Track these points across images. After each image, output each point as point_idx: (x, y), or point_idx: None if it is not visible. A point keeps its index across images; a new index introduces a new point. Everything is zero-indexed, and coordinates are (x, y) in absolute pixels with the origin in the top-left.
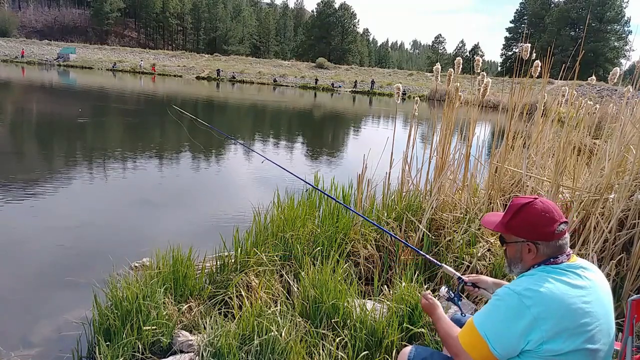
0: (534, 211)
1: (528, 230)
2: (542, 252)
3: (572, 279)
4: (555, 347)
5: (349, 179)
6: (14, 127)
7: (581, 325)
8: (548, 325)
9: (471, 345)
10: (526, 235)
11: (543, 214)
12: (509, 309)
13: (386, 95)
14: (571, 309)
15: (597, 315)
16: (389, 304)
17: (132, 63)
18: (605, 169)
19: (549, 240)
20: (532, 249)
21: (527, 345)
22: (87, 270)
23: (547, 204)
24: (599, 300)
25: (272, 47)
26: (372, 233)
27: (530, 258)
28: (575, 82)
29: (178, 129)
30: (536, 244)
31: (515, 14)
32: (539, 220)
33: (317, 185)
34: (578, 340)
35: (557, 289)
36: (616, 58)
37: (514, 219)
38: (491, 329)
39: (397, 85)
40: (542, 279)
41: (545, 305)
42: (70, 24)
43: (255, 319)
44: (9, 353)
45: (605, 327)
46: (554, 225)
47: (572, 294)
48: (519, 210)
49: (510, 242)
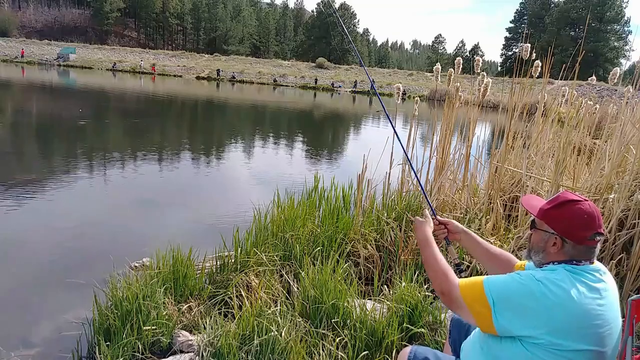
0: (578, 210)
1: (563, 225)
2: (567, 251)
3: (590, 281)
4: (563, 342)
5: (349, 179)
6: (13, 127)
7: (593, 326)
8: (559, 319)
9: (472, 300)
10: (559, 229)
11: (585, 217)
12: (528, 291)
13: (386, 95)
14: (586, 310)
15: (608, 319)
16: (389, 304)
17: (132, 63)
18: (605, 169)
19: (579, 243)
20: (557, 243)
21: (532, 332)
22: (87, 270)
23: (593, 209)
24: (612, 305)
25: (272, 47)
26: (372, 233)
27: (553, 252)
28: (575, 82)
29: (178, 129)
30: (564, 241)
31: (515, 14)
32: (579, 221)
33: (317, 185)
34: (587, 341)
35: (575, 288)
36: (616, 58)
37: (556, 209)
38: (501, 297)
39: (397, 85)
40: (564, 276)
41: (561, 300)
42: (70, 24)
43: (255, 319)
44: (9, 353)
45: (615, 330)
46: (590, 231)
47: (589, 295)
48: (565, 204)
49: (541, 230)
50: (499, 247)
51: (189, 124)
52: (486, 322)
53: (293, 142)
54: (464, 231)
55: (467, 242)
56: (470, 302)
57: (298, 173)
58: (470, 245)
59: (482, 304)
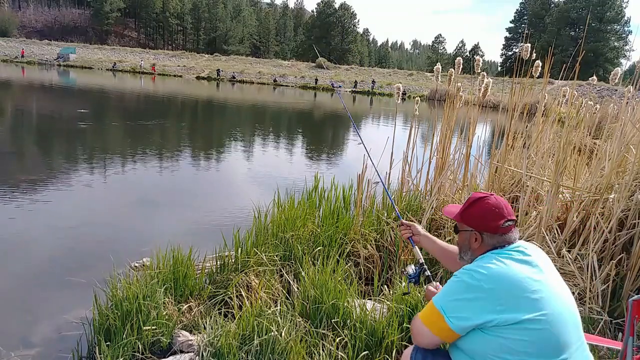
0: (486, 205)
1: (478, 221)
2: (487, 243)
3: (516, 255)
4: (514, 315)
5: (349, 179)
6: (13, 127)
7: (534, 292)
8: (500, 297)
9: (430, 321)
10: (475, 225)
11: (493, 209)
12: (463, 285)
13: (386, 95)
14: (520, 279)
15: (545, 283)
16: (389, 304)
17: (132, 63)
18: (605, 169)
19: (494, 232)
20: (478, 238)
21: (484, 319)
22: (87, 270)
23: (499, 201)
24: (545, 269)
25: (272, 47)
26: (372, 233)
27: (477, 247)
28: (575, 82)
29: (178, 129)
30: (482, 234)
31: (515, 14)
32: (488, 214)
33: (317, 185)
34: (536, 307)
35: (504, 265)
36: (616, 58)
37: (469, 209)
38: (448, 304)
39: (397, 85)
40: (491, 259)
41: (494, 279)
42: (70, 24)
43: (255, 319)
44: (9, 353)
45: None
46: (501, 220)
47: (519, 267)
48: (474, 203)
49: (462, 230)
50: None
51: (189, 123)
52: (445, 332)
53: (293, 142)
54: (424, 234)
55: (426, 244)
56: (429, 323)
57: (298, 173)
58: (429, 245)
59: (437, 318)
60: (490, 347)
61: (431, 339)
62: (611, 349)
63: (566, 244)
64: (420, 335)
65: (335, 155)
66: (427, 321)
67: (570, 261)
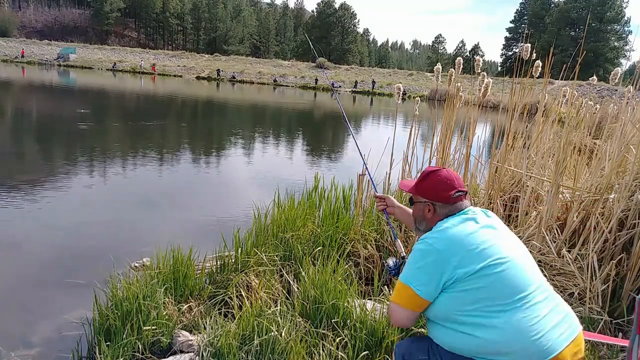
0: (438, 177)
1: (431, 192)
2: (440, 212)
3: (464, 216)
4: (468, 268)
5: (349, 179)
6: (13, 127)
7: (482, 242)
8: (453, 253)
9: (400, 297)
10: (428, 196)
11: (445, 181)
12: (419, 253)
13: (386, 95)
14: (467, 234)
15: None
16: (389, 304)
17: (132, 63)
18: (605, 169)
19: (446, 202)
20: (431, 208)
21: (444, 278)
22: (87, 270)
23: (450, 173)
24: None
25: (272, 47)
26: (373, 233)
27: (430, 217)
28: (575, 82)
29: (178, 129)
30: (434, 205)
31: (515, 14)
32: (440, 185)
33: (317, 185)
34: (488, 255)
35: (453, 226)
36: (616, 58)
37: (422, 182)
38: (410, 274)
39: (397, 85)
40: (441, 223)
41: (445, 239)
42: (71, 24)
43: (255, 319)
44: (9, 353)
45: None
46: (451, 191)
47: (467, 225)
48: (427, 176)
49: (417, 202)
50: None
51: (189, 124)
52: (416, 301)
53: (293, 142)
54: (398, 206)
55: (400, 215)
56: (400, 299)
57: (298, 173)
58: (403, 217)
59: (405, 291)
60: (454, 304)
61: (405, 314)
62: (611, 349)
63: (566, 244)
64: (396, 313)
65: (335, 155)
66: (398, 299)
67: (570, 261)
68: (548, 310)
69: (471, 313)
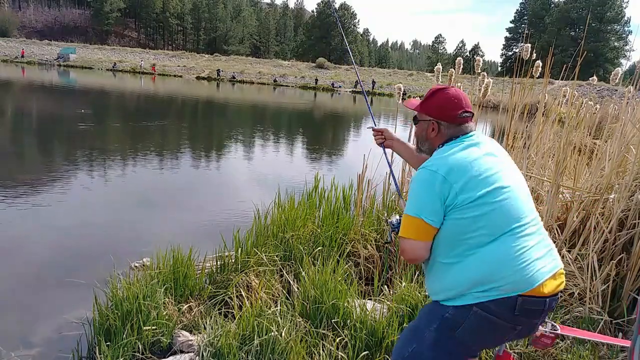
0: (445, 95)
1: (437, 110)
2: (444, 132)
3: (467, 141)
4: (468, 194)
5: (349, 179)
6: (14, 127)
7: (485, 170)
8: (456, 179)
9: (411, 231)
10: (434, 114)
11: (452, 99)
12: (423, 181)
13: (386, 95)
14: (470, 160)
15: (496, 162)
16: (389, 304)
17: (133, 63)
18: (605, 169)
19: (451, 122)
20: (435, 127)
21: (448, 203)
22: (87, 270)
23: (459, 92)
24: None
25: (272, 47)
26: (373, 233)
27: (434, 136)
28: (575, 82)
29: (178, 128)
30: (439, 124)
31: (515, 14)
32: (447, 104)
33: (317, 186)
34: (487, 184)
35: (456, 151)
36: (616, 58)
37: (428, 99)
38: (418, 205)
39: (398, 86)
40: (443, 151)
41: (449, 165)
42: (71, 24)
43: (255, 319)
44: (9, 353)
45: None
46: (458, 110)
47: (470, 151)
48: (435, 92)
49: (421, 120)
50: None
51: (189, 124)
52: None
53: (293, 142)
54: (397, 139)
55: (398, 148)
56: (412, 233)
57: (298, 173)
58: (401, 150)
59: (417, 224)
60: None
61: (422, 245)
62: (611, 349)
63: (566, 244)
64: (413, 249)
65: (336, 155)
66: (410, 233)
67: (570, 261)
68: (535, 243)
69: (465, 241)
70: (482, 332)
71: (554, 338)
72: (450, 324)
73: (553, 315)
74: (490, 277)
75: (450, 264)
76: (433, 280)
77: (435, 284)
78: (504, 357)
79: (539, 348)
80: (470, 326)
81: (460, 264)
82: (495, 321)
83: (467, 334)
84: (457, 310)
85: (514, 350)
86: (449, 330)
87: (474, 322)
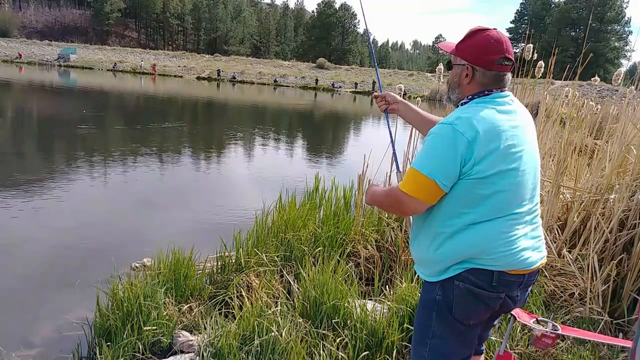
0: (486, 37)
1: (473, 53)
2: (478, 80)
3: (500, 106)
4: (485, 167)
5: (350, 179)
6: (14, 128)
7: (510, 146)
8: (481, 148)
9: (419, 190)
10: (469, 58)
11: (492, 42)
12: (445, 139)
13: None
14: (499, 131)
15: (522, 139)
16: (389, 304)
17: (133, 63)
18: (606, 169)
19: (488, 68)
20: (469, 73)
21: (463, 170)
22: (87, 270)
23: (501, 36)
24: (525, 126)
25: (272, 48)
26: (373, 234)
27: (466, 83)
28: (575, 83)
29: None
30: (474, 69)
31: (516, 14)
32: (486, 46)
33: (318, 186)
34: (507, 161)
35: (485, 114)
36: (616, 58)
37: (466, 40)
38: (434, 164)
39: (399, 86)
40: (471, 107)
41: (477, 130)
42: (71, 24)
43: (255, 319)
44: (9, 353)
45: (531, 150)
46: (497, 54)
47: (500, 118)
48: (474, 33)
49: (455, 64)
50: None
51: (189, 124)
52: (438, 195)
53: (294, 143)
54: (401, 101)
55: (404, 111)
56: (423, 195)
57: (299, 173)
58: (407, 114)
59: (427, 185)
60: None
61: (424, 206)
62: (612, 349)
63: (567, 244)
64: (412, 206)
65: (336, 156)
66: (416, 192)
67: (570, 261)
68: (526, 232)
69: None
70: (471, 305)
71: (555, 338)
72: (443, 305)
73: (553, 315)
74: (477, 255)
75: (442, 234)
76: (421, 247)
77: (423, 252)
78: (505, 357)
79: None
80: (459, 302)
81: (452, 238)
82: (478, 292)
83: (462, 310)
84: (443, 288)
85: (514, 350)
86: (447, 312)
87: (460, 297)
